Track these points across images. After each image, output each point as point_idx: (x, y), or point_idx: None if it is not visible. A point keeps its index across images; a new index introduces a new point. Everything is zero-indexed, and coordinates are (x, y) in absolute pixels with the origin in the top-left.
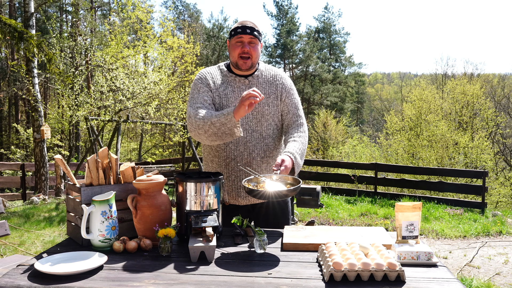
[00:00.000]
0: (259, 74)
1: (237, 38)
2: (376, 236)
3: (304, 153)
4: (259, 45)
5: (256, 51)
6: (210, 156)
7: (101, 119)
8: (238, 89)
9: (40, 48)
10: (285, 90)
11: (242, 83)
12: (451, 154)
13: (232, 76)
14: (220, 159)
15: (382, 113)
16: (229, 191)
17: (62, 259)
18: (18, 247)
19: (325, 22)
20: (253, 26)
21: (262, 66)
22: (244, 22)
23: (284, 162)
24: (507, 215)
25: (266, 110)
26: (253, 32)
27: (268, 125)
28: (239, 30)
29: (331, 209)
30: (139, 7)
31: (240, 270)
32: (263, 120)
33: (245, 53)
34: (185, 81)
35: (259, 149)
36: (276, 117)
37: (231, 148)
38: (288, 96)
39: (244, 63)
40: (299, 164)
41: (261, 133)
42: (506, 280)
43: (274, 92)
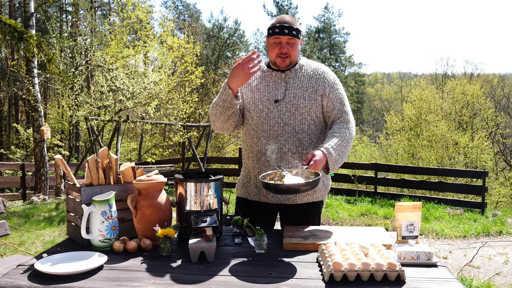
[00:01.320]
0: (298, 68)
1: (274, 38)
2: (376, 236)
3: (345, 151)
4: (299, 42)
5: (295, 50)
6: (246, 152)
7: (101, 119)
8: (273, 83)
9: (40, 48)
10: (328, 84)
11: (278, 77)
12: (451, 154)
13: (269, 71)
14: (253, 154)
15: (382, 113)
16: (260, 188)
17: (62, 259)
18: (18, 247)
19: (325, 22)
20: (292, 25)
21: (303, 61)
22: (282, 19)
23: (314, 157)
24: (507, 215)
25: (302, 103)
26: (292, 31)
27: (302, 119)
28: (276, 30)
29: (331, 209)
30: (139, 7)
31: (240, 270)
32: (297, 113)
33: (283, 53)
34: (185, 81)
35: (290, 143)
36: (313, 112)
37: (263, 142)
38: (332, 91)
39: (283, 62)
40: (335, 160)
41: (293, 127)
42: (506, 280)
43: (314, 86)
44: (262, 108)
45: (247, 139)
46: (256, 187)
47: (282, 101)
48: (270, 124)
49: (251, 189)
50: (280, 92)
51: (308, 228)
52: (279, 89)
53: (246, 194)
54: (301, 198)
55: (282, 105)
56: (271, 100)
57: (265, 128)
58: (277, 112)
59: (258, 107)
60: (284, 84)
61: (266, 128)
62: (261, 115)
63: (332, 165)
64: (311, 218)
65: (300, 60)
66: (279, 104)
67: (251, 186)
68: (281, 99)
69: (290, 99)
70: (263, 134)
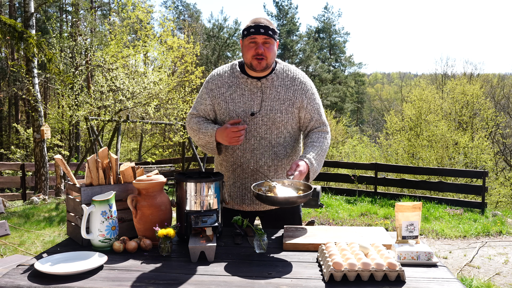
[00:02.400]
0: (274, 76)
1: (250, 39)
2: (376, 236)
3: (323, 159)
4: (275, 44)
5: (271, 52)
6: (219, 159)
7: (101, 119)
8: (249, 92)
9: (40, 48)
10: (306, 96)
11: (254, 85)
12: (451, 154)
13: (243, 78)
14: (228, 163)
15: (382, 113)
16: (234, 197)
17: (62, 259)
18: (18, 247)
19: (325, 22)
20: (268, 25)
21: (279, 66)
22: (258, 20)
23: (298, 167)
24: (507, 215)
25: (279, 117)
26: (268, 31)
27: (278, 133)
28: (252, 30)
29: (331, 209)
30: (139, 7)
31: (240, 270)
32: (274, 127)
33: (259, 54)
34: (185, 81)
35: (266, 157)
36: (289, 125)
37: (238, 154)
38: (309, 102)
39: (259, 64)
40: (315, 170)
41: (270, 141)
42: (506, 280)
43: (291, 98)
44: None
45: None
46: (230, 196)
47: (258, 113)
48: (247, 138)
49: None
50: (256, 103)
51: (308, 228)
52: (254, 100)
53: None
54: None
55: (258, 118)
56: (246, 112)
57: None
58: (253, 125)
59: (233, 119)
60: (260, 94)
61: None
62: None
63: (313, 175)
64: (291, 219)
65: (277, 66)
66: (255, 117)
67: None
68: (257, 111)
69: (266, 112)
70: (239, 147)
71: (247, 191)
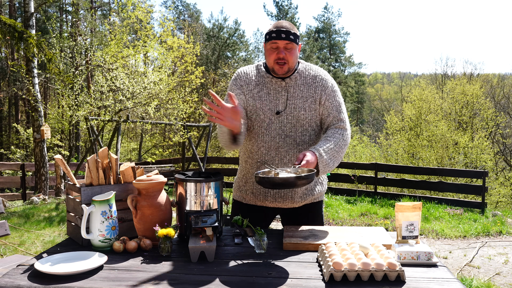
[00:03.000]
0: (297, 75)
1: (271, 43)
2: (376, 236)
3: (338, 156)
4: (297, 48)
5: (293, 56)
6: (244, 156)
7: (101, 119)
8: (274, 91)
9: (40, 48)
10: (325, 92)
11: (279, 85)
12: (451, 154)
13: (268, 78)
14: (253, 160)
15: (382, 113)
16: (257, 194)
17: (62, 259)
18: (18, 247)
19: (325, 22)
20: (289, 29)
21: (302, 65)
22: (279, 24)
23: (305, 157)
24: (507, 215)
25: (302, 115)
26: (289, 36)
27: (303, 131)
28: (273, 34)
29: (331, 209)
30: (139, 7)
31: (240, 270)
32: (298, 125)
33: (280, 59)
34: (185, 81)
35: (291, 155)
36: (313, 122)
37: (263, 152)
38: (328, 99)
39: (281, 68)
40: (326, 163)
41: (295, 138)
42: (506, 280)
43: (313, 95)
44: (264, 118)
45: (247, 144)
46: (252, 193)
47: (284, 112)
48: (272, 136)
49: (247, 194)
50: (281, 102)
51: (308, 228)
52: (279, 99)
53: (241, 198)
54: (297, 201)
55: (283, 117)
56: (272, 111)
57: (266, 139)
58: (278, 124)
59: (260, 117)
60: (285, 93)
61: (267, 139)
62: (262, 125)
63: (323, 168)
64: (312, 219)
65: (299, 65)
66: (280, 116)
67: (247, 191)
68: (282, 110)
69: (291, 110)
70: (264, 145)
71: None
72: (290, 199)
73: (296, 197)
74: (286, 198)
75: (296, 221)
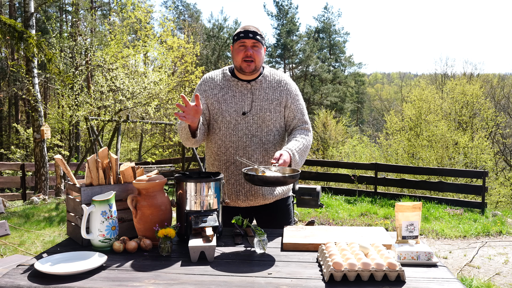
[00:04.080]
0: (262, 79)
1: (240, 43)
2: (376, 236)
3: (305, 155)
4: (262, 49)
5: (259, 55)
6: (211, 159)
7: (101, 119)
8: (240, 93)
9: (40, 48)
10: (290, 96)
11: (244, 87)
12: (451, 154)
13: (234, 81)
14: (220, 162)
15: (382, 113)
16: (229, 194)
17: (62, 259)
18: (18, 247)
19: (325, 22)
20: (256, 30)
21: (266, 70)
22: (247, 26)
23: (282, 156)
24: (507, 215)
25: (268, 116)
26: (256, 36)
27: (268, 131)
28: (241, 34)
29: (331, 209)
30: (138, 7)
31: (240, 270)
32: (264, 125)
33: (248, 56)
34: (185, 81)
35: (258, 154)
36: (278, 123)
37: (231, 152)
38: (293, 102)
39: (248, 66)
40: (297, 163)
41: (260, 138)
42: (506, 280)
43: (278, 98)
44: (230, 119)
45: (213, 148)
46: (225, 194)
47: (249, 113)
48: (239, 136)
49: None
50: (246, 104)
51: (308, 228)
52: (245, 101)
53: None
54: (269, 198)
55: (249, 117)
56: (238, 112)
57: (233, 139)
58: (244, 124)
59: (226, 118)
60: (251, 95)
61: (234, 139)
62: (229, 127)
63: (294, 166)
64: (282, 214)
65: (264, 70)
66: (246, 116)
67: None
68: (248, 111)
69: (256, 111)
70: (232, 145)
71: (241, 187)
72: (261, 196)
73: (267, 193)
74: (258, 195)
75: (269, 218)
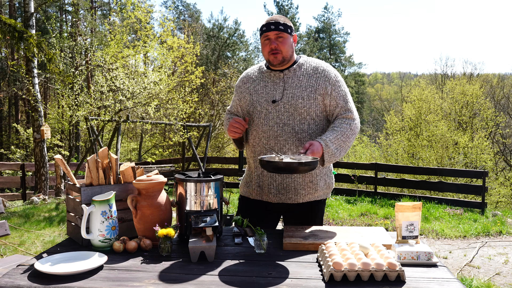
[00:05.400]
0: (296, 67)
1: (264, 37)
2: (376, 236)
3: (344, 145)
4: (290, 38)
5: (285, 45)
6: (249, 152)
7: (101, 119)
8: (272, 83)
9: (40, 48)
10: (329, 82)
11: (277, 77)
12: (451, 154)
13: (267, 72)
14: (255, 154)
15: (382, 113)
16: (263, 186)
17: (62, 259)
18: (18, 247)
19: (325, 22)
20: (278, 21)
21: (302, 59)
22: (271, 18)
23: (312, 146)
24: (507, 215)
25: (300, 103)
26: (279, 27)
27: (302, 119)
28: (264, 28)
29: (331, 209)
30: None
31: (240, 270)
32: (296, 114)
33: (273, 49)
34: (185, 81)
35: (290, 143)
36: (313, 112)
37: (263, 142)
38: (334, 89)
39: (275, 58)
40: (332, 153)
41: (293, 127)
42: (506, 280)
43: (313, 85)
44: (261, 109)
45: (249, 139)
46: (259, 186)
47: (280, 101)
48: (270, 125)
49: (253, 189)
50: (278, 92)
51: (308, 228)
52: (277, 89)
53: (248, 193)
54: (302, 197)
55: (280, 106)
56: (268, 101)
57: (264, 128)
58: (275, 113)
59: (257, 108)
60: (283, 84)
61: (265, 129)
62: (260, 116)
63: (328, 158)
64: (313, 218)
65: (300, 59)
66: (277, 105)
67: (253, 185)
68: (278, 99)
69: (288, 99)
70: (263, 135)
71: (273, 180)
72: (293, 190)
73: (300, 189)
74: (289, 189)
75: (297, 219)
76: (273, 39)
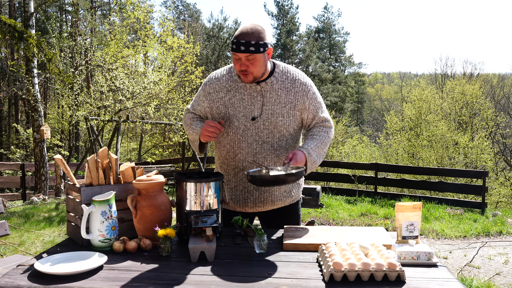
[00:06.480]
0: (273, 79)
1: (234, 54)
2: (376, 236)
3: (323, 152)
4: (263, 55)
5: (256, 66)
6: (219, 162)
7: (101, 119)
8: (249, 96)
9: (40, 48)
10: (307, 97)
11: (254, 89)
12: (451, 154)
13: (242, 83)
14: (229, 167)
15: (382, 113)
16: (236, 200)
17: (62, 259)
18: (18, 247)
19: (325, 22)
20: (249, 39)
21: (278, 68)
22: (241, 32)
23: (295, 156)
24: (507, 215)
25: (280, 121)
26: (249, 48)
27: (281, 137)
28: (233, 46)
29: (331, 209)
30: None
31: (240, 270)
32: (276, 131)
33: (243, 70)
34: (185, 81)
35: (269, 160)
36: (291, 128)
37: (240, 158)
38: (311, 103)
39: (245, 78)
40: (313, 160)
41: (272, 144)
42: (506, 280)
43: (292, 101)
44: (238, 125)
45: (222, 151)
46: (231, 199)
47: (259, 118)
48: (248, 142)
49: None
50: (256, 108)
51: (308, 228)
52: (255, 104)
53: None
54: (276, 203)
55: (259, 123)
56: (247, 117)
57: (242, 145)
58: (254, 130)
59: (234, 123)
60: (261, 98)
61: (243, 146)
62: (238, 132)
63: (311, 166)
64: (290, 220)
65: (276, 69)
66: (256, 122)
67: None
68: (258, 115)
69: (268, 116)
70: (241, 151)
71: (249, 194)
72: (270, 202)
73: (276, 200)
74: (267, 202)
75: (275, 222)
76: (243, 60)
